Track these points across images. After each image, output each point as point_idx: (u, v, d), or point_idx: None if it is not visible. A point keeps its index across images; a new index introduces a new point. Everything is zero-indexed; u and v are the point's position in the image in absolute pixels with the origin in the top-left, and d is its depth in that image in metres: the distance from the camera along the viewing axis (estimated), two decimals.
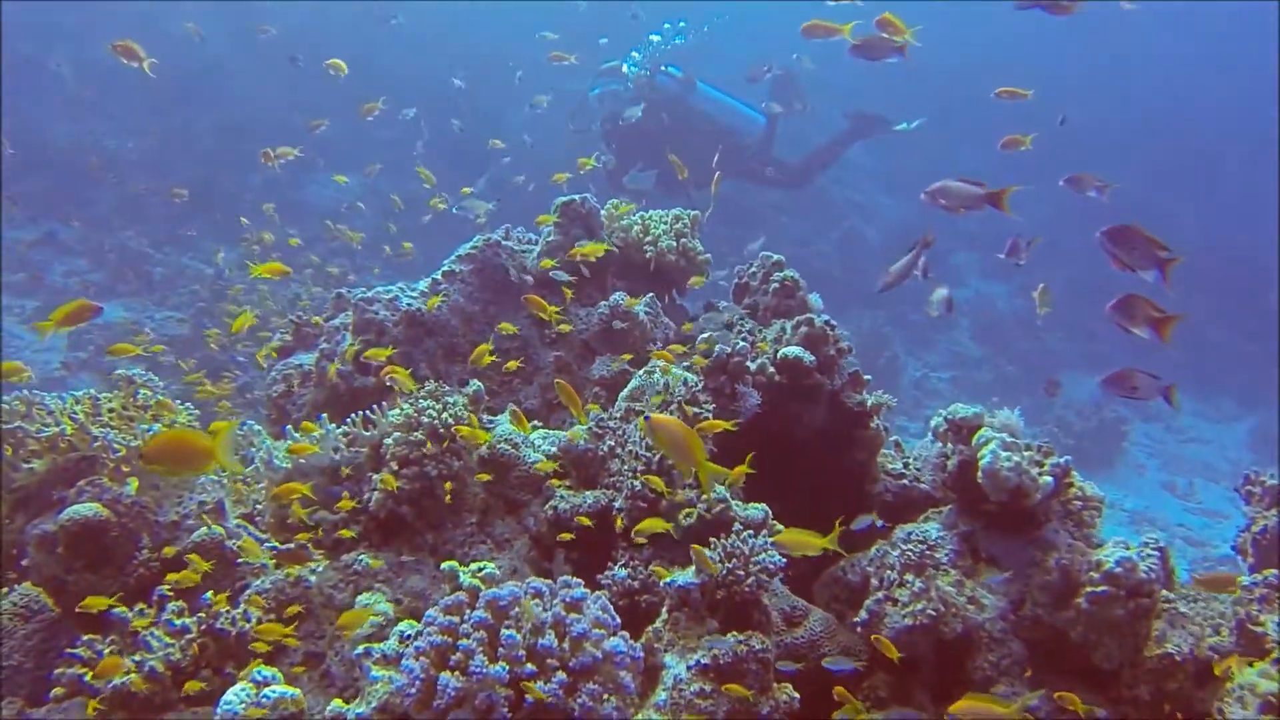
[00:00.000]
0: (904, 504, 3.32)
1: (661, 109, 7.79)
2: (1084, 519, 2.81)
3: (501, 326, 3.10)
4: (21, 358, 9.07)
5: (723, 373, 2.85)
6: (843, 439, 3.14)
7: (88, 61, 14.24)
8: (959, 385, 12.01)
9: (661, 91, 7.89)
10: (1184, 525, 9.55)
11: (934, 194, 2.80)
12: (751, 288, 3.50)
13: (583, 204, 3.28)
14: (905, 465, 3.39)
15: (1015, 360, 12.34)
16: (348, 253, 11.54)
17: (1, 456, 2.64)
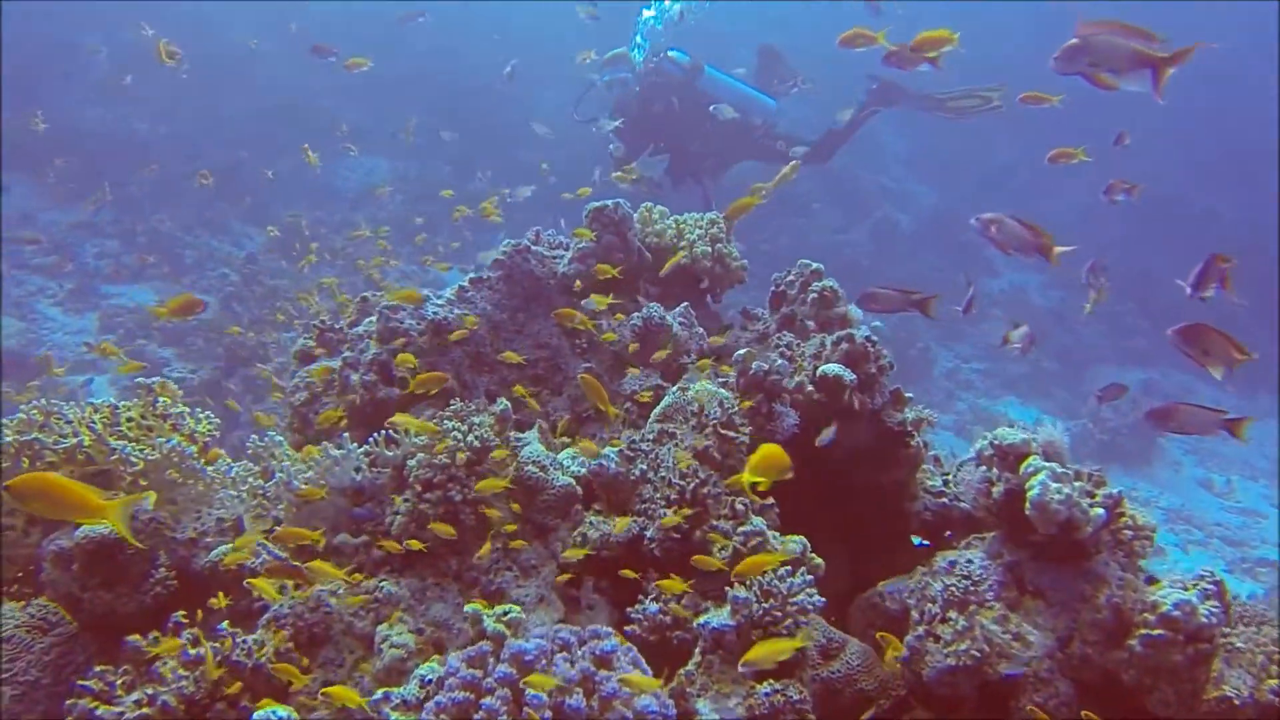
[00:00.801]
0: (943, 523, 3.21)
1: (670, 93, 7.64)
2: (1135, 549, 2.68)
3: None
4: (53, 340, 9.12)
5: (759, 391, 2.74)
6: (882, 458, 3.03)
7: (121, 44, 14.25)
8: (990, 377, 11.85)
9: (668, 77, 7.73)
10: (1221, 524, 9.37)
11: (987, 225, 2.67)
12: (789, 296, 3.38)
13: (615, 210, 3.17)
14: (945, 483, 3.28)
15: (1049, 353, 12.14)
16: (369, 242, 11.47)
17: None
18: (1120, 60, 2.31)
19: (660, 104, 7.50)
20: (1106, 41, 2.31)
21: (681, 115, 7.55)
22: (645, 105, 7.53)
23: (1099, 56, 2.34)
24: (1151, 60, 2.25)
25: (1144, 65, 2.27)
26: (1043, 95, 3.78)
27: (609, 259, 3.15)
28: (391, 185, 13.27)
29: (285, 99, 14.08)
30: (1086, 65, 2.38)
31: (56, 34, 13.81)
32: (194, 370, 8.54)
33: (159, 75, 13.78)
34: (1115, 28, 2.29)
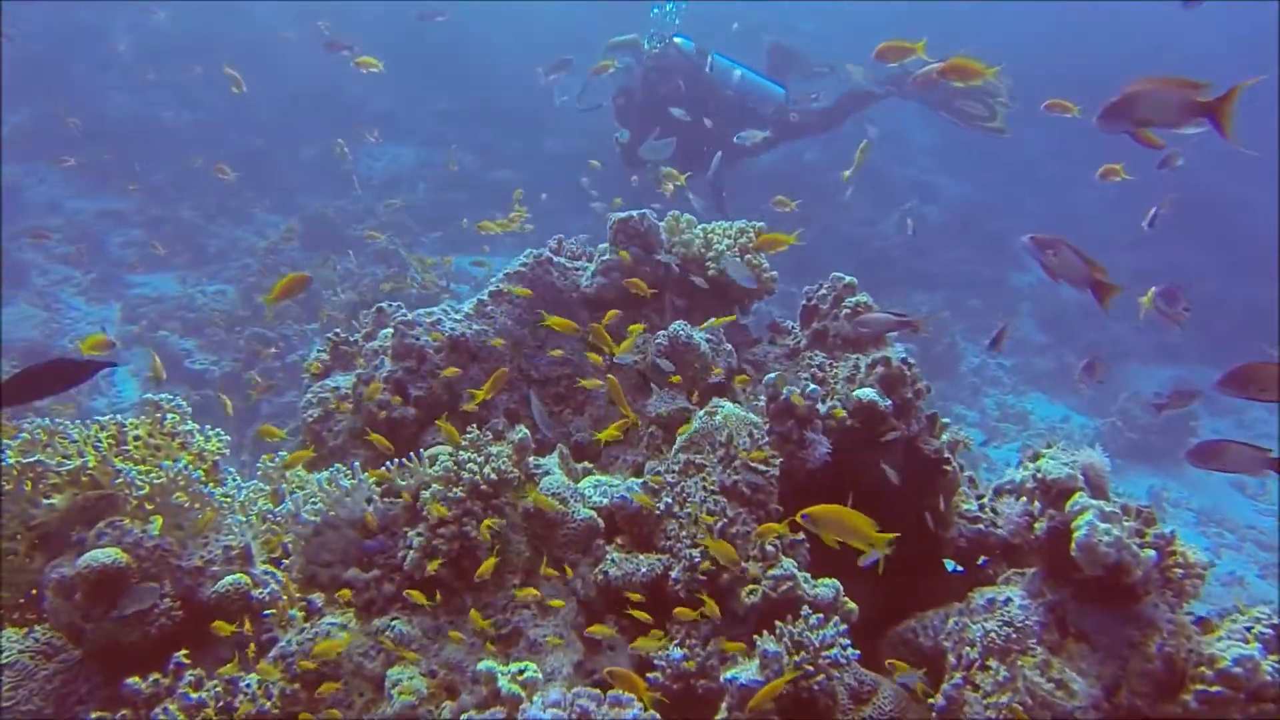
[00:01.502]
0: (978, 549, 3.08)
1: (677, 75, 7.54)
2: (1186, 589, 2.54)
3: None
4: (76, 330, 9.09)
5: (790, 417, 2.61)
6: (917, 485, 2.90)
7: (147, 30, 14.23)
8: (1019, 373, 11.64)
9: (673, 62, 7.66)
10: (1254, 528, 9.14)
11: (1042, 248, 2.52)
12: (821, 311, 3.24)
13: (640, 221, 3.04)
14: (981, 508, 3.14)
15: (1079, 350, 11.90)
16: (395, 226, 11.42)
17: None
18: (1171, 112, 2.20)
19: (666, 86, 7.41)
20: (1155, 96, 2.20)
21: (687, 98, 7.44)
22: (651, 88, 7.46)
23: (1149, 112, 2.23)
24: (1206, 108, 2.13)
25: (1200, 114, 2.15)
26: (1065, 104, 3.65)
27: (635, 272, 3.03)
28: (418, 173, 13.19)
29: (312, 86, 13.99)
30: (1134, 123, 2.28)
31: (84, 20, 13.80)
32: (215, 361, 8.50)
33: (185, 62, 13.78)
34: (1162, 82, 2.18)
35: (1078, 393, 11.32)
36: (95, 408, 7.98)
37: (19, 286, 9.43)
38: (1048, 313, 12.56)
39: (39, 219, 10.71)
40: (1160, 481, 9.57)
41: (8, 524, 2.51)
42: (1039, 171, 15.64)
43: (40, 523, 2.53)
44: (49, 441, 2.60)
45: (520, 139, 13.62)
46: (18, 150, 11.87)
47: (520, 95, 13.36)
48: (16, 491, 2.50)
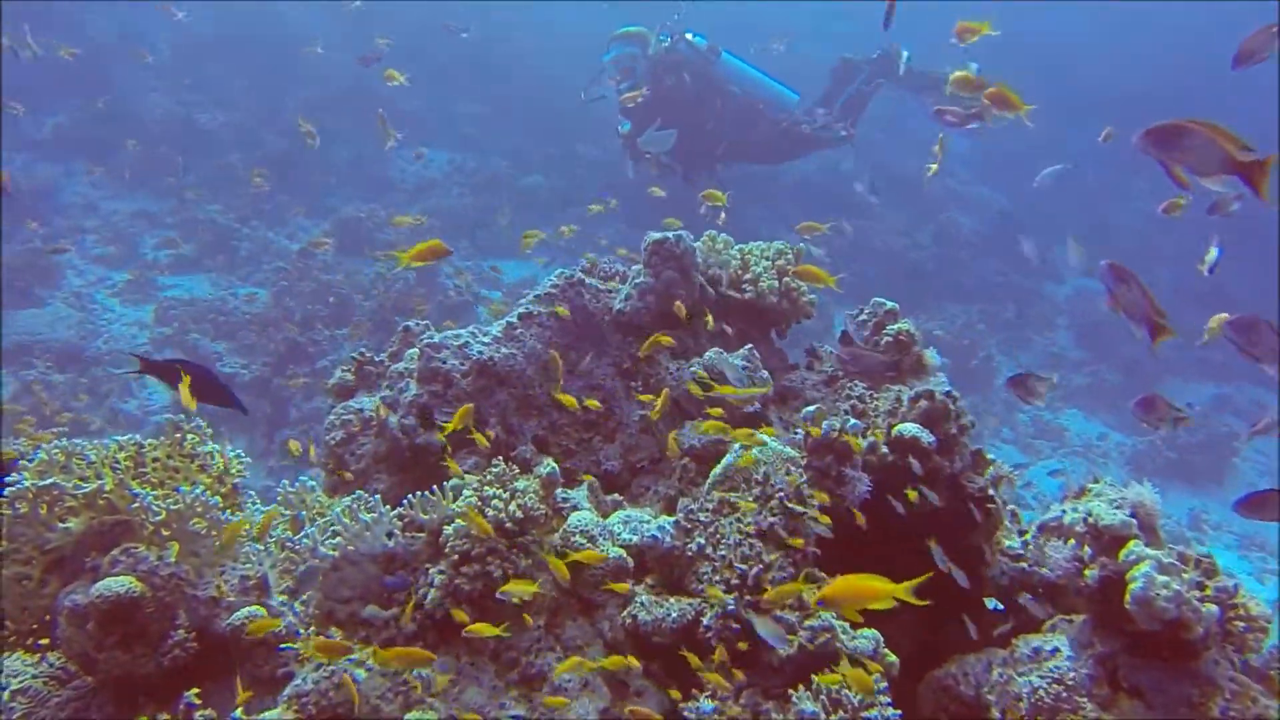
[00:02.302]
0: (1022, 588, 2.95)
1: (684, 70, 7.45)
2: (1248, 643, 2.41)
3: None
4: (110, 331, 9.11)
5: (829, 452, 2.50)
6: (959, 522, 2.78)
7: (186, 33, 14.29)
8: (1055, 389, 11.40)
9: (682, 57, 7.56)
10: None
11: (1117, 276, 2.42)
12: (861, 337, 3.12)
13: (676, 243, 2.93)
14: (1024, 545, 3.01)
15: (1118, 366, 11.65)
16: (430, 229, 11.38)
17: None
18: (1212, 164, 2.13)
19: (672, 78, 7.34)
20: (1204, 143, 2.13)
21: (693, 93, 7.39)
22: (656, 80, 7.36)
23: (1193, 156, 2.16)
24: (1244, 168, 2.08)
25: (1235, 172, 2.09)
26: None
27: (670, 295, 2.92)
28: (451, 177, 13.15)
29: (345, 88, 14.00)
30: (1172, 158, 2.20)
31: (124, 20, 13.89)
32: (245, 365, 8.47)
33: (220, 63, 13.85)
34: (1213, 131, 2.11)
35: (1117, 409, 11.10)
36: (126, 410, 7.99)
37: (55, 288, 9.47)
38: (1085, 327, 12.32)
39: (76, 219, 10.78)
40: (1200, 503, 9.34)
41: (22, 548, 2.45)
42: (1079, 182, 15.39)
43: (55, 547, 2.46)
44: (66, 463, 2.54)
45: (553, 144, 13.56)
46: (57, 151, 11.96)
47: (553, 99, 13.34)
48: (32, 515, 2.43)
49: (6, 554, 2.43)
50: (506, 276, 10.96)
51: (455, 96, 14.83)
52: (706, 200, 4.08)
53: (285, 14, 14.38)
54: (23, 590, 2.45)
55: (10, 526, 2.43)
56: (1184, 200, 3.27)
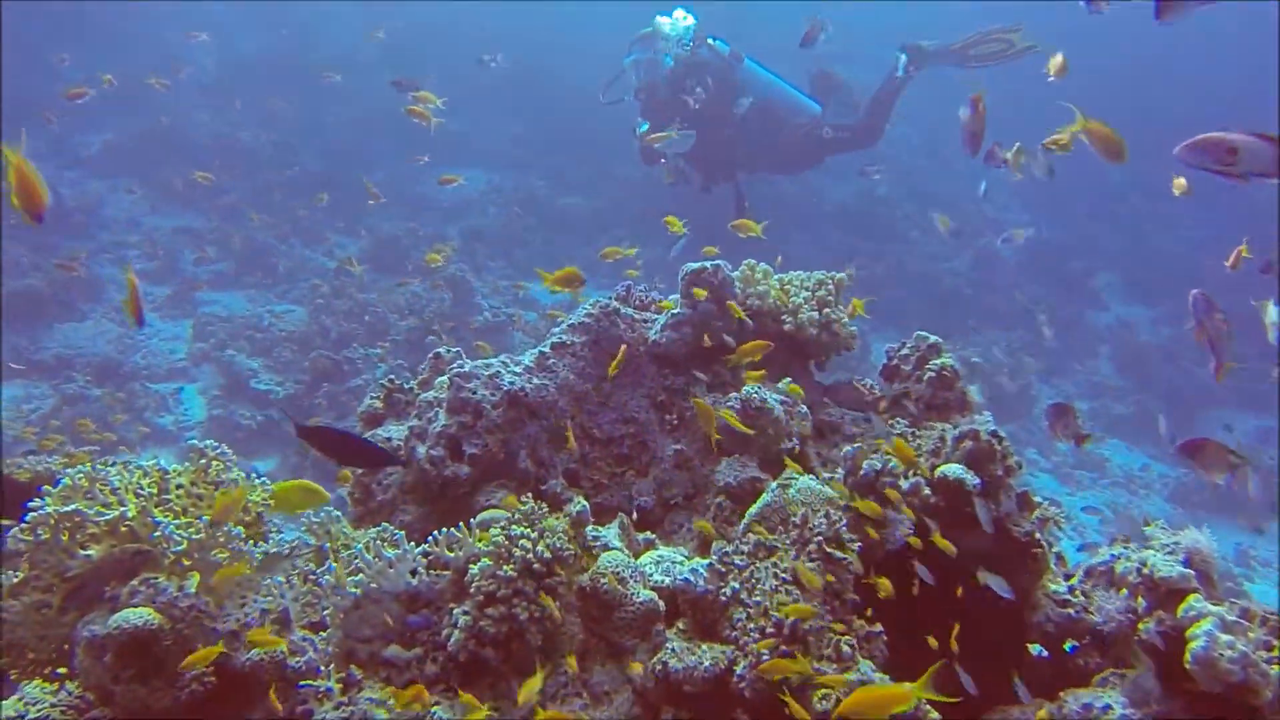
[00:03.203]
0: (1068, 634, 2.83)
1: (706, 73, 7.37)
2: None
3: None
4: (149, 347, 9.17)
5: (869, 493, 2.40)
6: (1004, 566, 2.66)
7: (229, 52, 14.48)
8: (1095, 418, 11.17)
9: (705, 62, 7.49)
10: None
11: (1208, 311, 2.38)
12: (903, 372, 3.03)
13: (714, 273, 2.86)
14: (1071, 590, 2.89)
15: (1157, 394, 11.39)
16: (468, 253, 11.41)
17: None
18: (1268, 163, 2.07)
19: (693, 80, 7.28)
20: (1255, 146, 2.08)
21: (715, 97, 7.31)
22: (676, 83, 7.30)
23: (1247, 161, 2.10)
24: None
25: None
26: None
27: (707, 326, 2.85)
28: (487, 197, 13.18)
29: (383, 108, 14.11)
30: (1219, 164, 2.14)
31: (168, 38, 14.09)
32: (280, 382, 8.48)
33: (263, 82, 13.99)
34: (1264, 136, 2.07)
35: (1160, 440, 10.86)
36: (162, 424, 8.02)
37: (96, 301, 9.56)
38: (1127, 355, 12.09)
39: (120, 234, 10.90)
40: (1248, 540, 9.09)
41: (43, 575, 2.41)
42: (1121, 207, 15.17)
43: (76, 574, 2.42)
44: (90, 488, 2.49)
45: (591, 165, 13.55)
46: (104, 167, 12.13)
47: (592, 120, 13.34)
48: (54, 542, 2.39)
49: (27, 581, 2.39)
50: (542, 297, 10.94)
51: (496, 117, 14.88)
52: (740, 231, 4.00)
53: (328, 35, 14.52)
54: (42, 618, 2.40)
55: (32, 553, 2.39)
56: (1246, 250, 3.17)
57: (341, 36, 14.74)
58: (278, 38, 13.34)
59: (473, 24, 15.47)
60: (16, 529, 2.40)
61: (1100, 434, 10.36)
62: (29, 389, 8.09)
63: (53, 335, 8.77)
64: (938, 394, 2.90)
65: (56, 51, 12.36)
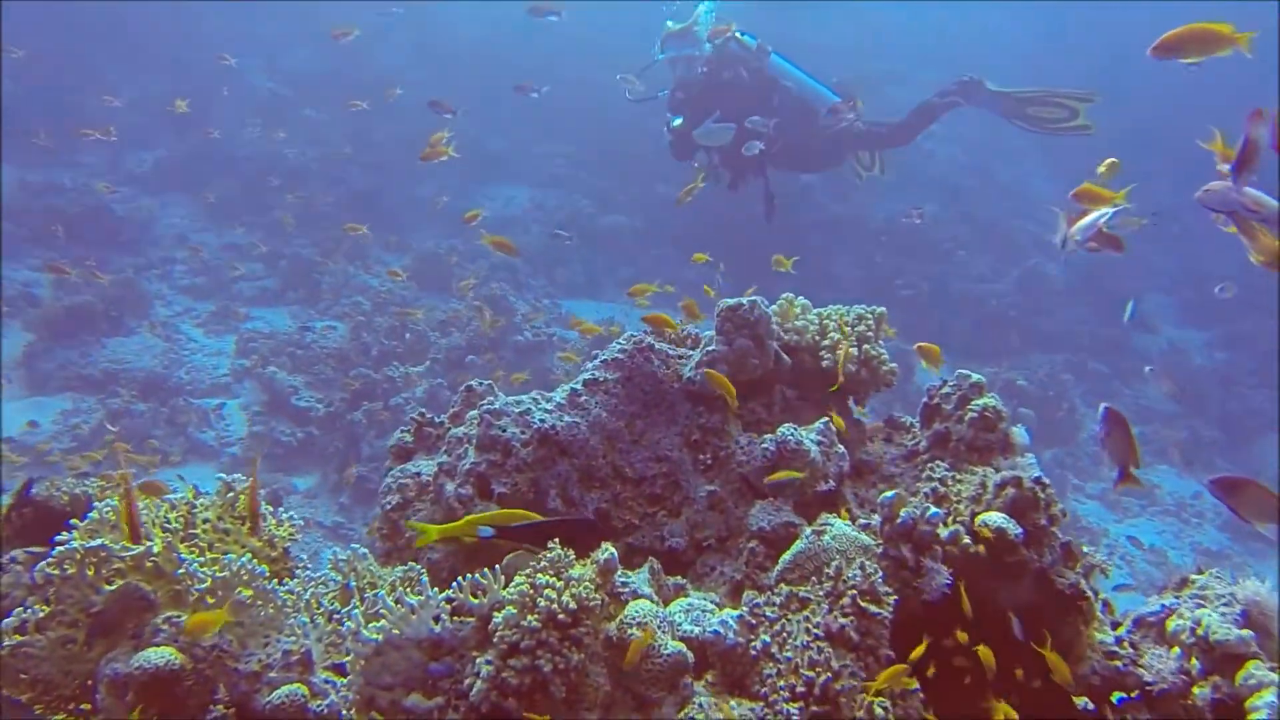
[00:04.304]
0: (1115, 688, 2.72)
1: (741, 65, 7.40)
2: None
3: None
4: (193, 362, 9.27)
5: (907, 542, 2.32)
6: (1047, 619, 2.57)
7: (280, 69, 14.67)
8: (1146, 443, 10.90)
9: (734, 55, 7.50)
10: None
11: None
12: (944, 412, 2.94)
13: (750, 309, 2.79)
14: (1119, 641, 2.78)
15: (1211, 420, 11.11)
16: (509, 266, 11.42)
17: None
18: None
19: (729, 73, 7.32)
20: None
21: (749, 87, 7.34)
22: (713, 74, 7.33)
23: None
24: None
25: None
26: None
27: (742, 364, 2.78)
28: (531, 215, 13.21)
29: (430, 125, 14.22)
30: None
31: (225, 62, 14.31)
32: (320, 399, 8.53)
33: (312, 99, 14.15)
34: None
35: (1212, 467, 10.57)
36: (203, 440, 8.09)
37: (143, 317, 9.69)
38: (1178, 379, 11.80)
39: (167, 251, 11.05)
40: None
41: (69, 610, 2.39)
42: (1171, 227, 14.84)
43: (101, 609, 2.40)
44: (117, 522, 2.48)
45: (635, 184, 13.54)
46: (155, 184, 12.33)
47: (635, 139, 13.34)
48: (79, 577, 2.38)
49: (53, 615, 2.38)
50: (584, 314, 10.92)
51: (541, 136, 14.93)
52: (776, 266, 3.93)
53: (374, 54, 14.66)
54: (67, 653, 2.39)
55: (57, 588, 2.38)
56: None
57: (390, 55, 14.89)
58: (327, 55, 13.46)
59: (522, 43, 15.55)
60: (44, 563, 2.39)
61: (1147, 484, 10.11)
62: (77, 403, 8.21)
63: (102, 350, 8.89)
64: (979, 435, 2.81)
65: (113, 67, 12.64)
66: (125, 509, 2.43)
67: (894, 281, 11.96)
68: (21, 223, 10.57)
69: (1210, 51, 2.80)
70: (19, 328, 9.06)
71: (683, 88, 7.53)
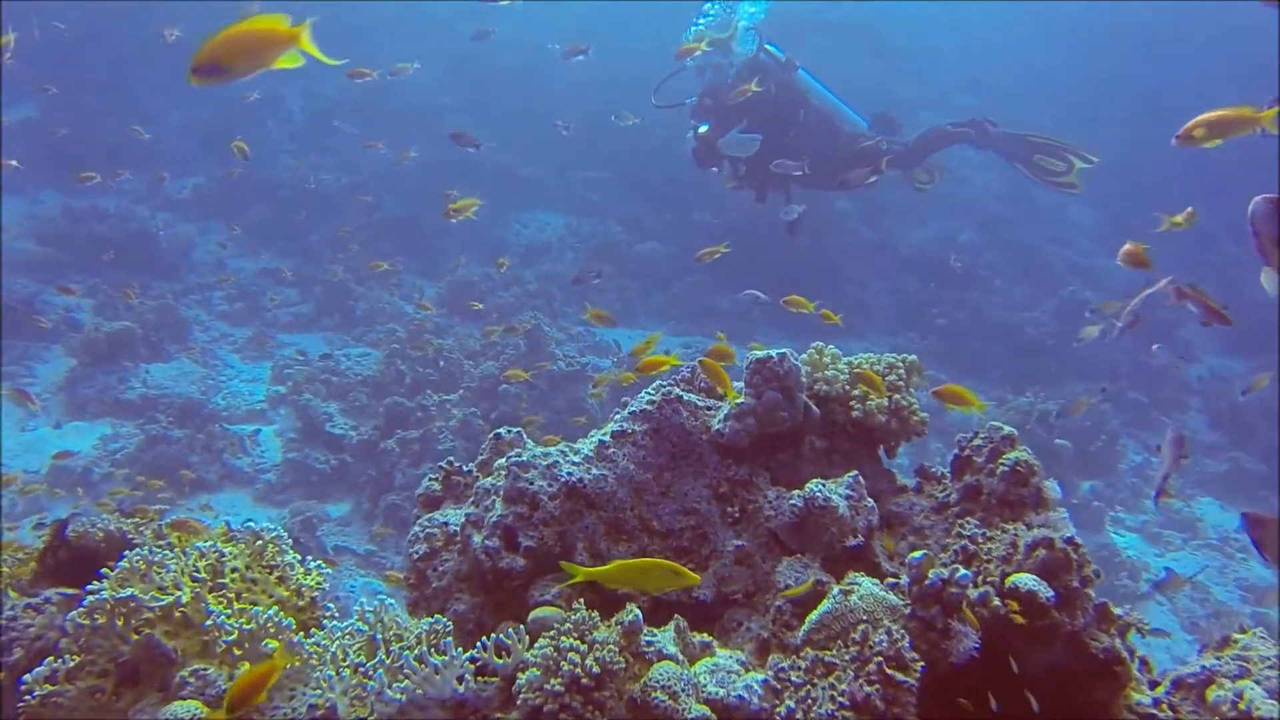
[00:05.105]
0: None
1: (769, 75, 7.32)
2: None
3: None
4: (230, 388, 9.37)
5: (935, 603, 2.29)
6: (1081, 683, 2.52)
7: (315, 95, 14.86)
8: (1187, 475, 10.71)
9: (764, 66, 7.44)
10: None
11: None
12: (975, 464, 2.90)
13: (780, 362, 2.78)
14: (1157, 703, 2.72)
15: (1255, 452, 10.87)
16: (542, 295, 11.46)
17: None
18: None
19: (758, 83, 7.18)
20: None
21: (777, 100, 7.27)
22: (740, 83, 7.22)
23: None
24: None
25: None
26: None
27: (771, 417, 2.77)
28: (565, 241, 13.25)
29: (462, 153, 14.34)
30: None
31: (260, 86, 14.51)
32: (354, 427, 8.58)
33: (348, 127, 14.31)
34: None
35: (1257, 499, 10.37)
36: (238, 466, 8.17)
37: (181, 342, 9.82)
38: (1221, 409, 11.59)
39: (205, 276, 11.20)
40: None
41: (98, 660, 2.42)
42: (1211, 254, 14.65)
43: (130, 658, 2.42)
44: (146, 571, 2.50)
45: (668, 210, 13.55)
46: (194, 211, 12.51)
47: (668, 166, 13.39)
48: (109, 627, 2.40)
49: (83, 665, 2.41)
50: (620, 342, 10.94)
51: (576, 162, 15.00)
52: (791, 307, 3.92)
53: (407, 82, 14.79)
54: (95, 703, 2.41)
55: (87, 638, 2.40)
56: None
57: (423, 81, 15.01)
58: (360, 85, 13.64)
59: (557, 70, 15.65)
60: (75, 613, 2.42)
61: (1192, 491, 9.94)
62: (117, 428, 8.32)
63: (143, 375, 9.02)
64: (1011, 490, 2.76)
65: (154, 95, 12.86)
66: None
67: (929, 310, 11.88)
68: (65, 248, 10.77)
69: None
70: (61, 353, 9.22)
71: (711, 94, 7.52)
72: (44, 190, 11.45)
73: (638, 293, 12.16)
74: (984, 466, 2.87)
